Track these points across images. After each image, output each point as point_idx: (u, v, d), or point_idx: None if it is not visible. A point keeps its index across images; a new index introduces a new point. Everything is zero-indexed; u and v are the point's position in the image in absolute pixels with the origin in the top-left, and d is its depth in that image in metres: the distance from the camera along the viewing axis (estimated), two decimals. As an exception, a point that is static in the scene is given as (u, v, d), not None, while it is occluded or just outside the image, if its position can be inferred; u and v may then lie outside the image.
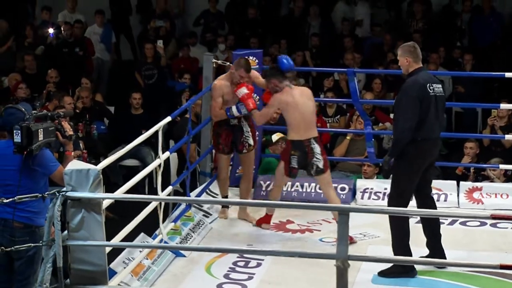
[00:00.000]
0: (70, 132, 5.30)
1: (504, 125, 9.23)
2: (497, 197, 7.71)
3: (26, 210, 5.11)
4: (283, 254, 6.10)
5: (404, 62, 6.12)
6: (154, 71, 11.33)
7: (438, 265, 6.05)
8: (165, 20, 12.79)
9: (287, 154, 6.87)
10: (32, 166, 5.09)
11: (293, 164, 6.83)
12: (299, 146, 6.81)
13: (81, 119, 9.40)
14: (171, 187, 6.76)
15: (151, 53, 11.44)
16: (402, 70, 6.19)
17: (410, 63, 6.10)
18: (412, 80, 6.02)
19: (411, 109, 5.92)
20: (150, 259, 6.19)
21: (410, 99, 5.94)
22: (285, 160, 6.88)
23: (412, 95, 5.95)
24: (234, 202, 7.51)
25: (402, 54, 6.13)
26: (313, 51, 12.26)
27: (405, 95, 5.98)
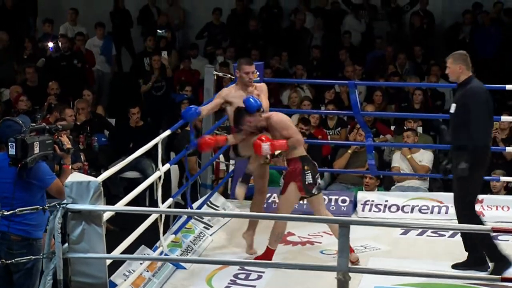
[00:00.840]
0: (68, 146, 5.29)
1: (506, 137, 9.23)
2: (498, 209, 7.71)
3: (23, 223, 5.11)
4: (283, 266, 6.08)
5: (456, 70, 6.30)
6: (163, 83, 11.33)
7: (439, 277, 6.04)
8: (166, 31, 12.80)
9: (299, 173, 6.44)
10: (28, 179, 5.08)
11: (308, 180, 6.44)
12: (307, 160, 6.53)
13: (82, 131, 9.40)
14: (172, 199, 6.75)
15: (158, 65, 11.43)
16: (451, 77, 6.38)
17: (464, 70, 6.30)
18: (477, 87, 6.28)
19: (482, 115, 6.20)
20: (150, 271, 6.17)
21: (481, 105, 6.20)
22: (298, 180, 6.44)
23: (482, 101, 6.20)
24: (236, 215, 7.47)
25: (454, 61, 6.31)
26: (314, 63, 12.28)
27: (475, 101, 6.19)
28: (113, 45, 12.70)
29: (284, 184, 6.55)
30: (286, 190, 6.50)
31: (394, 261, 6.66)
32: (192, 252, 6.80)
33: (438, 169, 6.24)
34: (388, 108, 10.86)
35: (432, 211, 7.78)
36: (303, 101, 10.40)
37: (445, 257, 6.74)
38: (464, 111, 6.21)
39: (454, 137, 6.33)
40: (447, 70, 6.40)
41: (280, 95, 11.49)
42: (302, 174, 6.43)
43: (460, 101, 6.28)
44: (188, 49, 13.00)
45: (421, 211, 7.81)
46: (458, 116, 6.26)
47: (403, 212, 7.79)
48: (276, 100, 11.38)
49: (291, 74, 12.08)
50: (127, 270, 5.97)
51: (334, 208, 7.91)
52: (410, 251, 6.86)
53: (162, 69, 11.53)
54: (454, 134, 6.32)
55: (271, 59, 12.05)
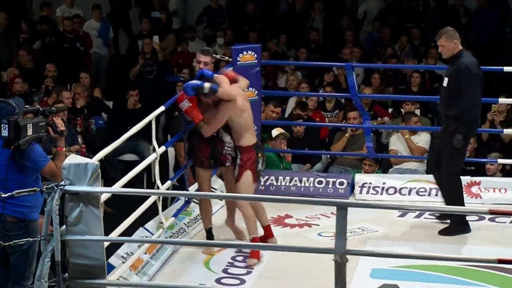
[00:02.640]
0: (62, 128, 5.29)
1: (503, 119, 9.23)
2: (495, 191, 7.71)
3: (19, 205, 5.12)
4: (281, 249, 6.10)
5: (452, 46, 6.61)
6: (153, 67, 11.32)
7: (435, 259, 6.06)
8: (161, 12, 12.76)
9: (253, 161, 6.38)
10: (21, 161, 5.08)
11: (259, 167, 6.44)
12: (259, 147, 6.51)
13: (79, 114, 9.38)
14: (170, 182, 6.74)
15: (149, 48, 11.42)
16: (446, 54, 6.66)
17: (457, 44, 6.61)
18: (470, 61, 6.60)
19: (473, 87, 6.52)
20: (149, 254, 6.19)
21: (472, 78, 6.52)
22: (252, 168, 6.39)
23: (473, 73, 6.53)
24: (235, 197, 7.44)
25: (448, 38, 6.60)
26: (312, 45, 12.25)
27: (467, 74, 6.51)
28: (110, 28, 12.66)
29: (239, 172, 6.42)
30: (241, 178, 6.42)
31: (391, 243, 6.68)
32: (184, 234, 6.80)
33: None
34: (386, 91, 10.84)
35: (429, 193, 7.78)
36: (301, 84, 10.39)
37: (442, 239, 6.76)
38: (457, 84, 6.51)
39: (447, 108, 6.65)
40: (441, 49, 6.66)
41: (277, 78, 11.48)
42: (256, 162, 6.42)
43: (453, 75, 6.57)
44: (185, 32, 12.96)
45: (418, 193, 7.82)
46: (451, 89, 6.57)
47: (401, 195, 7.79)
48: (273, 83, 11.37)
49: (288, 57, 12.05)
50: (125, 253, 5.99)
51: (331, 191, 7.92)
52: (408, 233, 6.87)
53: (154, 52, 11.51)
54: (447, 105, 6.63)
55: (268, 42, 12.02)
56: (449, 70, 6.74)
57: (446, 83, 6.67)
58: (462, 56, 6.63)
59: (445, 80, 6.70)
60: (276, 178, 8.06)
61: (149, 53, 11.41)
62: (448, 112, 6.68)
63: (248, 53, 7.79)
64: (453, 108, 6.60)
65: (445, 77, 6.71)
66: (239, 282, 6.03)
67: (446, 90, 6.66)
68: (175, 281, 5.96)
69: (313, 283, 5.85)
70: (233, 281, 6.04)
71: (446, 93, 6.68)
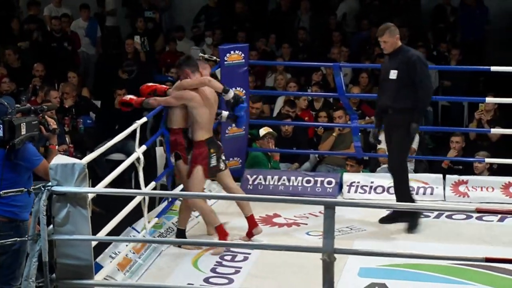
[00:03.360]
0: (53, 126, 5.29)
1: (491, 118, 9.26)
2: (482, 190, 7.75)
3: (10, 205, 5.10)
4: (269, 248, 6.10)
5: (394, 41, 6.78)
6: (134, 67, 11.33)
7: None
8: (154, 12, 12.77)
9: (205, 157, 6.47)
10: (15, 160, 5.07)
11: (212, 163, 6.51)
12: (212, 142, 6.54)
13: (67, 113, 9.36)
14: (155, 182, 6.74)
15: (131, 48, 11.42)
16: (388, 50, 6.80)
17: (398, 39, 6.79)
18: (417, 52, 6.87)
19: (428, 76, 6.78)
20: (136, 253, 6.19)
21: (425, 67, 6.75)
22: (204, 163, 6.47)
23: (425, 63, 6.78)
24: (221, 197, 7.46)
25: (391, 34, 6.77)
26: (300, 44, 12.26)
27: (420, 64, 6.70)
28: (98, 27, 12.64)
29: (190, 167, 6.49)
30: (192, 174, 6.48)
31: (379, 242, 6.70)
32: (172, 233, 6.80)
33: (373, 140, 6.98)
34: (374, 90, 10.84)
35: (417, 192, 7.80)
36: (289, 83, 10.40)
37: (430, 237, 6.79)
38: (408, 76, 6.67)
39: (397, 101, 6.73)
40: (384, 45, 6.81)
41: (266, 77, 11.48)
42: (208, 157, 6.46)
43: (402, 66, 6.70)
44: (173, 32, 12.96)
45: (406, 192, 7.83)
46: (402, 81, 6.69)
47: (389, 193, 7.81)
48: (262, 82, 11.37)
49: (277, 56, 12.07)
50: (113, 252, 5.98)
51: (320, 190, 7.93)
52: (396, 232, 6.89)
53: (137, 53, 11.49)
54: (397, 98, 6.72)
55: (257, 41, 12.02)
56: (393, 64, 6.79)
57: (394, 75, 6.74)
58: (406, 49, 6.82)
59: (391, 73, 6.76)
60: (264, 178, 8.07)
61: (130, 53, 11.40)
62: (398, 105, 6.74)
63: (235, 52, 7.80)
64: (404, 100, 6.70)
65: (391, 70, 6.76)
66: (227, 281, 6.03)
67: (396, 83, 6.73)
68: (163, 281, 5.96)
69: (301, 282, 5.86)
70: (221, 281, 6.04)
71: (395, 86, 6.74)
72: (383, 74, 6.93)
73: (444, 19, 12.70)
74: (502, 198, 7.63)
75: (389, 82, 6.79)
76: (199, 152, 6.48)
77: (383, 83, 6.95)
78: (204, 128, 6.49)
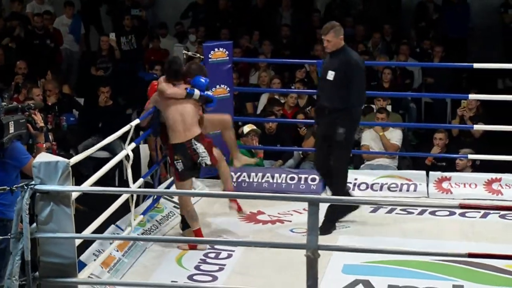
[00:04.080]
0: (41, 124, 5.27)
1: (473, 115, 9.30)
2: (465, 186, 7.79)
3: (-3, 203, 5.08)
4: (253, 245, 6.10)
5: (338, 41, 6.70)
6: (109, 64, 11.30)
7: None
8: (140, 10, 12.76)
9: (172, 160, 6.56)
10: (4, 159, 5.05)
11: (179, 168, 6.51)
12: (181, 149, 6.50)
13: (50, 111, 9.32)
14: (142, 179, 6.73)
15: (106, 45, 11.40)
16: (330, 49, 6.72)
17: (342, 40, 6.72)
18: (357, 56, 6.82)
19: (362, 81, 6.73)
20: (120, 251, 6.17)
21: (362, 71, 6.70)
22: (173, 166, 6.58)
23: (363, 67, 6.72)
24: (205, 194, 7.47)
25: (336, 34, 6.70)
26: (283, 41, 12.26)
27: (357, 68, 6.65)
28: (82, 24, 12.60)
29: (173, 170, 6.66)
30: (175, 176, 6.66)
31: (363, 238, 6.71)
32: (156, 231, 6.79)
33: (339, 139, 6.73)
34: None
35: (401, 189, 7.84)
36: (273, 80, 10.40)
37: (414, 234, 6.81)
38: (345, 78, 6.61)
39: (333, 102, 6.68)
40: (327, 44, 6.73)
41: (250, 74, 11.47)
42: (174, 163, 6.52)
43: (341, 68, 6.64)
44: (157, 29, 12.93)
45: (390, 189, 7.87)
46: (339, 82, 6.63)
47: (373, 190, 7.84)
48: (246, 79, 11.37)
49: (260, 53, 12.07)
50: (96, 250, 5.96)
51: (304, 187, 7.95)
52: (380, 229, 6.91)
53: (112, 50, 11.47)
54: (333, 99, 6.68)
55: (240, 38, 12.01)
56: (332, 64, 6.72)
57: (331, 76, 6.68)
58: (348, 51, 6.76)
59: (329, 73, 6.69)
60: (248, 175, 8.07)
61: (105, 50, 11.37)
62: (333, 106, 6.69)
63: (219, 50, 7.79)
64: (338, 101, 6.66)
65: (330, 71, 6.70)
66: (211, 278, 6.03)
67: (333, 84, 6.68)
68: (147, 278, 5.95)
69: (285, 279, 5.87)
70: (206, 278, 6.04)
71: (332, 86, 6.69)
72: (322, 74, 6.82)
73: (427, 16, 12.74)
74: (485, 194, 7.67)
75: (327, 82, 6.71)
76: (170, 155, 6.59)
77: (321, 83, 6.87)
78: (174, 130, 6.50)
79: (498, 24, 12.74)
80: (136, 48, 12.17)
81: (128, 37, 12.09)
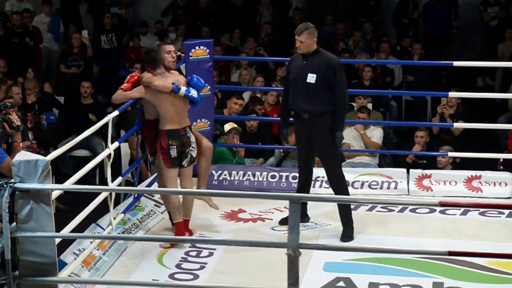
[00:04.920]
0: (17, 123, 5.24)
1: (454, 113, 9.35)
2: (446, 184, 7.81)
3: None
4: (235, 243, 6.11)
5: (311, 43, 6.60)
6: (80, 62, 11.25)
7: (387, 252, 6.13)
8: (120, 8, 12.71)
9: (163, 146, 6.52)
10: None
11: (173, 154, 6.51)
12: (174, 135, 6.52)
13: (30, 110, 9.27)
14: (121, 178, 6.71)
15: (77, 43, 11.34)
16: (303, 50, 6.60)
17: (315, 42, 6.62)
18: (333, 55, 6.69)
19: (345, 82, 6.62)
20: (101, 250, 6.15)
21: (344, 73, 6.62)
22: (163, 153, 6.54)
23: (343, 69, 6.64)
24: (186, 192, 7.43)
25: (309, 36, 6.59)
26: (264, 40, 12.26)
27: (340, 68, 6.56)
28: (61, 22, 12.53)
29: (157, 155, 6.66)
30: (156, 161, 6.67)
31: (344, 236, 6.72)
32: (136, 229, 6.77)
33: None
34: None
35: (381, 187, 7.85)
36: (256, 78, 10.39)
37: (394, 231, 6.83)
38: (328, 81, 6.51)
39: (317, 105, 6.56)
40: (300, 44, 6.60)
41: (231, 72, 11.46)
42: (167, 148, 6.50)
43: (321, 69, 6.52)
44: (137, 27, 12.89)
45: (371, 186, 7.89)
46: (322, 85, 6.52)
47: (353, 188, 7.84)
48: (226, 77, 11.36)
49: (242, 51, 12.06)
50: (77, 249, 5.94)
51: (285, 185, 7.94)
52: (361, 227, 6.91)
53: (83, 48, 11.43)
54: (316, 102, 6.54)
55: (221, 36, 12.00)
56: (310, 66, 6.54)
57: (312, 79, 6.51)
58: (324, 52, 6.63)
59: (309, 76, 6.52)
60: (229, 173, 8.06)
61: (77, 47, 11.32)
62: (317, 109, 6.54)
63: (200, 48, 7.77)
64: (323, 104, 6.54)
65: (309, 74, 6.52)
66: (192, 277, 6.02)
67: (314, 86, 6.52)
68: (127, 277, 5.93)
69: (266, 277, 5.86)
70: (187, 276, 6.03)
71: (313, 90, 6.52)
72: (296, 76, 6.61)
73: (407, 14, 12.78)
74: (465, 191, 7.70)
75: (304, 85, 6.53)
76: (159, 141, 6.54)
77: (296, 86, 6.62)
78: (169, 118, 6.51)
79: (478, 22, 12.80)
80: (117, 47, 12.13)
81: (109, 35, 12.04)
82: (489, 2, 12.62)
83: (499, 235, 6.74)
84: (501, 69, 11.53)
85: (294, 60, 6.78)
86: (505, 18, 12.53)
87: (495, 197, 7.59)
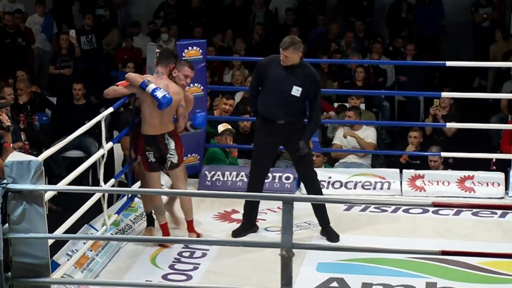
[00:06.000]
0: (7, 123, 5.23)
1: (446, 113, 9.36)
2: (438, 184, 7.82)
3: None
4: (228, 244, 6.10)
5: (296, 58, 6.46)
6: (70, 62, 11.24)
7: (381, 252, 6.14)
8: (105, 9, 12.70)
9: (141, 150, 6.54)
10: None
11: (150, 159, 6.49)
12: (153, 141, 6.47)
13: (23, 110, 9.25)
14: (113, 180, 6.70)
15: (66, 44, 11.31)
16: (286, 63, 6.46)
17: (300, 57, 6.49)
18: (314, 69, 6.61)
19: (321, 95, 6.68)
20: (94, 251, 6.14)
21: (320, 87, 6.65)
22: (142, 156, 6.56)
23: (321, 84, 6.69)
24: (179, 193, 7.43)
25: (295, 51, 6.45)
26: (257, 40, 12.27)
27: (319, 83, 6.62)
28: (54, 23, 12.51)
29: None
30: (141, 165, 6.66)
31: (337, 237, 6.73)
32: (130, 230, 6.77)
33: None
34: (329, 85, 10.90)
35: (374, 187, 7.86)
36: (248, 78, 10.39)
37: (387, 232, 6.84)
38: (308, 94, 6.49)
39: (293, 116, 6.54)
40: (284, 58, 6.45)
41: (224, 73, 11.46)
42: (143, 153, 6.51)
43: (305, 83, 6.46)
44: (130, 27, 12.89)
45: (364, 187, 7.89)
46: (304, 97, 6.49)
47: (346, 189, 7.85)
48: (219, 78, 11.36)
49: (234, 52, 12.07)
50: (70, 250, 5.93)
51: (278, 186, 7.93)
52: (354, 227, 6.93)
53: (72, 48, 11.41)
54: (292, 113, 6.51)
55: (213, 37, 12.00)
56: (295, 78, 6.45)
57: (298, 93, 6.45)
58: (307, 64, 6.57)
59: (294, 89, 6.44)
60: (222, 174, 8.04)
61: (65, 48, 11.30)
62: (294, 119, 6.54)
63: (193, 48, 7.76)
64: (298, 115, 6.56)
65: (294, 86, 6.44)
66: (186, 278, 6.01)
67: (298, 99, 6.48)
68: (120, 278, 5.92)
69: (259, 277, 5.87)
70: (180, 277, 6.02)
71: (295, 101, 6.47)
72: (276, 84, 6.48)
73: (400, 15, 12.81)
74: (458, 192, 7.71)
75: (285, 95, 6.45)
76: (139, 144, 6.55)
77: (274, 94, 6.49)
78: (150, 123, 6.47)
79: (470, 23, 12.84)
80: (96, 48, 12.06)
81: (88, 36, 11.99)
82: (480, 4, 12.65)
83: (492, 235, 6.75)
84: (493, 69, 11.56)
85: (270, 65, 6.59)
86: (496, 19, 12.57)
87: (488, 197, 7.61)
